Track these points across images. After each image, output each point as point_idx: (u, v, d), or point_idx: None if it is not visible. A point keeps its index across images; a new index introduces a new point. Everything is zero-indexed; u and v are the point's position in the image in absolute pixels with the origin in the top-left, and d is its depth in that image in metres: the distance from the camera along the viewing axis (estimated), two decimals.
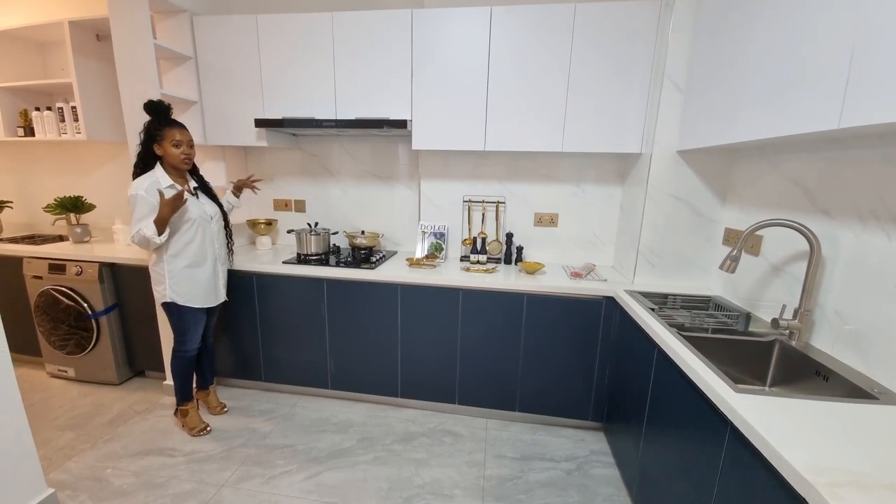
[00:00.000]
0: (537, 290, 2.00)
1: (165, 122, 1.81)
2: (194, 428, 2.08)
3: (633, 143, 2.00)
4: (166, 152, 1.81)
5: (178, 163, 1.84)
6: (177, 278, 1.90)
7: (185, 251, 1.90)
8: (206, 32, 2.24)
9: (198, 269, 1.95)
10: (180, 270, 1.90)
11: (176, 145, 1.81)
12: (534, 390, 2.13)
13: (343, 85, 2.18)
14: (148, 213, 1.75)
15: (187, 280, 1.92)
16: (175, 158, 1.82)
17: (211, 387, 2.28)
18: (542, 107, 2.03)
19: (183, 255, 1.90)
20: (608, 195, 2.33)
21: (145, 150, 1.83)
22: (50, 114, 2.52)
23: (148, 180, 1.77)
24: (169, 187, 1.81)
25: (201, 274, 1.96)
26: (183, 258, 1.90)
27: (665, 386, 1.40)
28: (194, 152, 1.90)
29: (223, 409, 2.29)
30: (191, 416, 2.09)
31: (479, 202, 2.43)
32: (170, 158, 1.82)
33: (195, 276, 1.94)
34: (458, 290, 2.07)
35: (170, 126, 1.81)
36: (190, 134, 1.87)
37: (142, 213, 1.75)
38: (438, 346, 2.17)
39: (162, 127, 1.80)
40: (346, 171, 2.64)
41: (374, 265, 2.24)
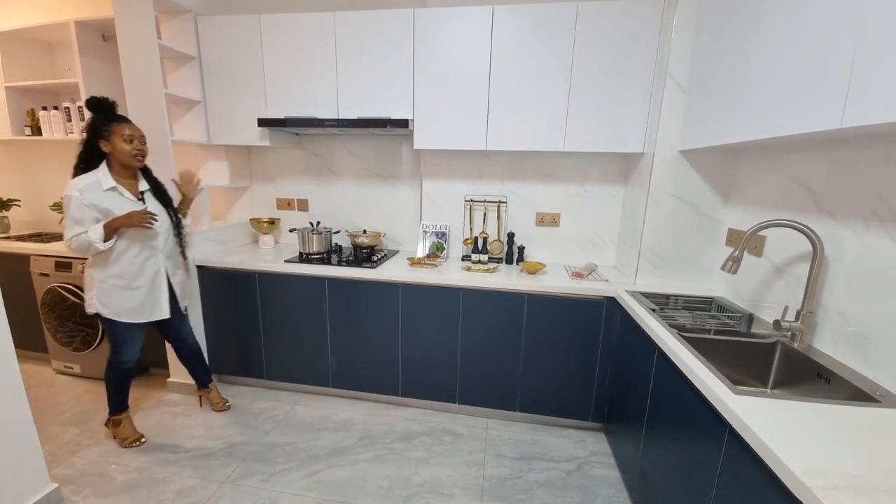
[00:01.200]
0: (538, 289, 1.99)
1: (113, 116, 1.69)
2: (126, 438, 1.97)
3: (636, 142, 1.99)
4: (116, 148, 1.68)
5: (129, 160, 1.70)
6: (104, 290, 1.76)
7: (116, 262, 1.75)
8: (210, 32, 2.26)
9: (128, 282, 1.78)
10: (108, 281, 1.75)
11: (127, 140, 1.68)
12: (534, 390, 2.13)
13: (345, 84, 2.19)
14: (80, 215, 1.62)
15: (113, 293, 1.77)
16: (126, 155, 1.69)
17: (211, 384, 2.28)
18: (543, 106, 2.02)
19: (114, 267, 1.75)
20: (610, 195, 2.32)
21: (89, 148, 1.69)
22: (57, 113, 2.55)
23: (86, 180, 1.65)
24: (110, 189, 1.68)
25: (136, 287, 1.81)
26: (111, 270, 1.75)
27: (665, 387, 1.39)
28: (147, 149, 1.77)
29: (226, 404, 2.29)
30: (123, 426, 1.99)
31: (481, 202, 2.43)
32: (120, 155, 1.69)
33: (124, 289, 1.79)
34: (459, 289, 2.07)
35: (118, 121, 1.69)
36: (140, 129, 1.74)
37: (75, 215, 1.61)
38: (439, 345, 2.17)
39: (110, 122, 1.67)
40: (349, 170, 2.65)
41: (376, 264, 2.25)
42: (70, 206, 1.62)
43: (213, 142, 2.42)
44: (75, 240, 1.63)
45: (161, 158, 2.10)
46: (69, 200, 1.62)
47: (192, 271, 2.27)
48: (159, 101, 2.05)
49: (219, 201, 2.82)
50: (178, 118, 2.40)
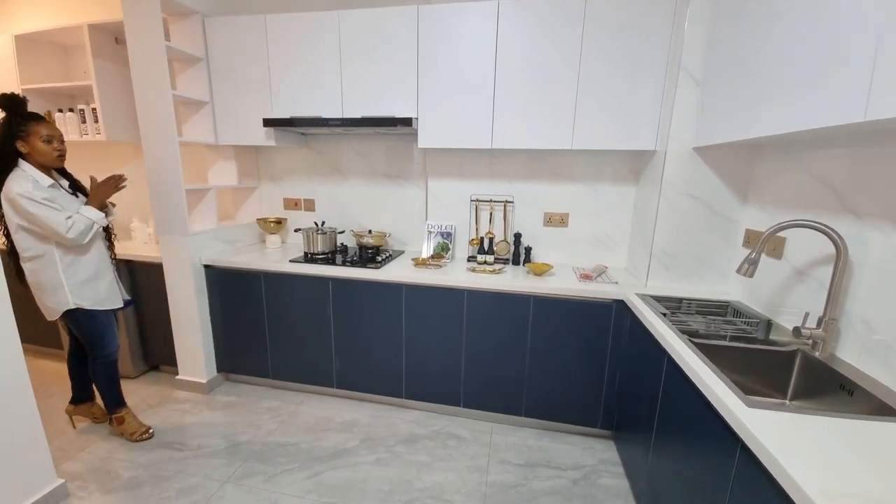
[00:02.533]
0: (545, 291, 1.94)
1: (29, 116, 1.63)
2: (135, 433, 1.99)
3: (647, 139, 1.92)
4: (35, 149, 1.62)
5: (51, 160, 1.65)
6: (78, 281, 1.76)
7: (85, 251, 1.76)
8: (217, 33, 2.27)
9: (97, 269, 1.82)
10: (79, 273, 1.76)
11: (46, 141, 1.63)
12: (541, 395, 2.07)
13: (350, 83, 2.17)
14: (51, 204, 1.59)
15: (88, 282, 1.79)
16: (47, 156, 1.64)
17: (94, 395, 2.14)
18: (551, 103, 1.97)
19: (83, 256, 1.75)
20: (621, 194, 2.25)
21: (5, 149, 1.60)
22: (72, 115, 2.61)
23: (27, 180, 1.59)
24: (51, 186, 1.66)
25: (102, 273, 1.85)
26: (83, 259, 1.75)
27: (674, 396, 1.33)
28: (66, 148, 1.73)
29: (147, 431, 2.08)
30: (128, 421, 2.00)
31: (487, 201, 2.38)
32: (40, 156, 1.63)
33: (95, 277, 1.81)
34: (464, 290, 2.03)
35: (35, 120, 1.63)
36: (57, 128, 1.69)
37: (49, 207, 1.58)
38: (444, 347, 2.13)
39: (26, 122, 1.61)
40: (355, 170, 2.64)
41: (380, 265, 2.22)
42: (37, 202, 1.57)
43: (221, 142, 2.44)
44: (73, 228, 1.62)
45: (169, 160, 2.13)
46: (32, 197, 1.56)
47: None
48: (167, 102, 2.07)
49: (227, 201, 2.85)
50: (187, 119, 2.42)
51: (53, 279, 1.72)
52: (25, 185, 1.58)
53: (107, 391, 1.96)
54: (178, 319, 2.37)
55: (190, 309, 2.33)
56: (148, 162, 2.17)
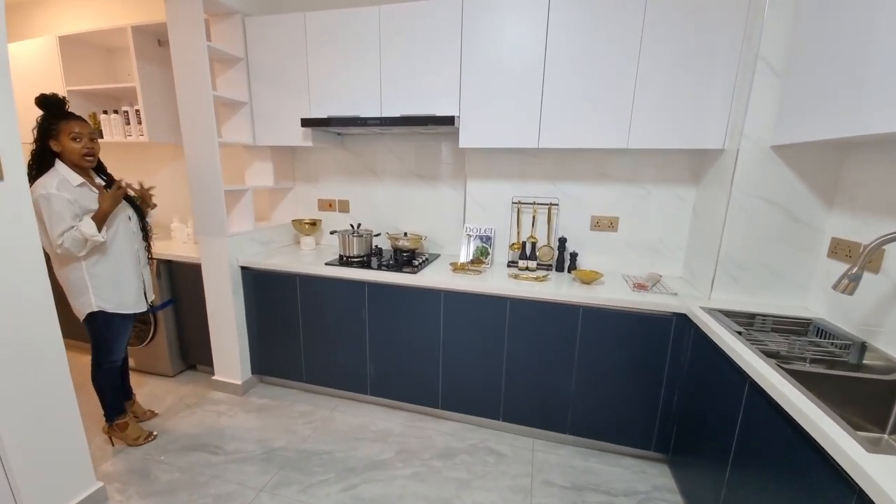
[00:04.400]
0: (595, 302, 1.79)
1: (60, 114, 1.61)
2: (138, 437, 1.98)
3: (715, 137, 1.74)
4: (65, 148, 1.61)
5: (78, 159, 1.63)
6: (101, 283, 1.72)
7: (108, 253, 1.72)
8: (257, 33, 2.25)
9: (123, 271, 1.79)
10: (104, 274, 1.72)
11: (75, 139, 1.61)
12: (588, 412, 1.93)
13: (389, 81, 2.09)
14: (67, 211, 1.56)
15: (113, 284, 1.76)
16: (75, 154, 1.62)
17: (132, 394, 2.16)
18: (605, 99, 1.82)
19: (107, 258, 1.72)
20: (678, 197, 2.07)
21: (41, 149, 1.61)
22: (116, 117, 2.66)
23: (55, 179, 1.57)
24: (80, 185, 1.63)
25: (128, 276, 1.81)
26: (106, 261, 1.72)
27: (760, 427, 1.17)
28: (98, 147, 1.70)
29: (153, 413, 2.21)
30: (130, 427, 1.97)
31: (530, 204, 2.25)
32: (69, 154, 1.62)
33: (121, 279, 1.78)
34: (506, 299, 1.91)
35: (66, 119, 1.61)
36: (91, 127, 1.68)
37: (60, 212, 1.55)
38: (483, 357, 2.02)
39: (57, 120, 1.60)
40: (390, 170, 2.57)
41: (417, 269, 2.14)
42: (51, 204, 1.54)
43: (259, 143, 2.42)
44: (67, 236, 1.56)
45: (209, 161, 2.12)
46: (48, 199, 1.53)
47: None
48: (208, 103, 2.05)
49: (263, 202, 2.84)
50: (226, 120, 2.41)
51: (78, 280, 1.71)
52: (50, 183, 1.56)
53: (108, 399, 1.92)
54: (214, 320, 2.37)
55: (226, 310, 2.32)
56: (189, 163, 2.17)
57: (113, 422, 1.96)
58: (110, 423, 1.96)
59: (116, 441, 1.98)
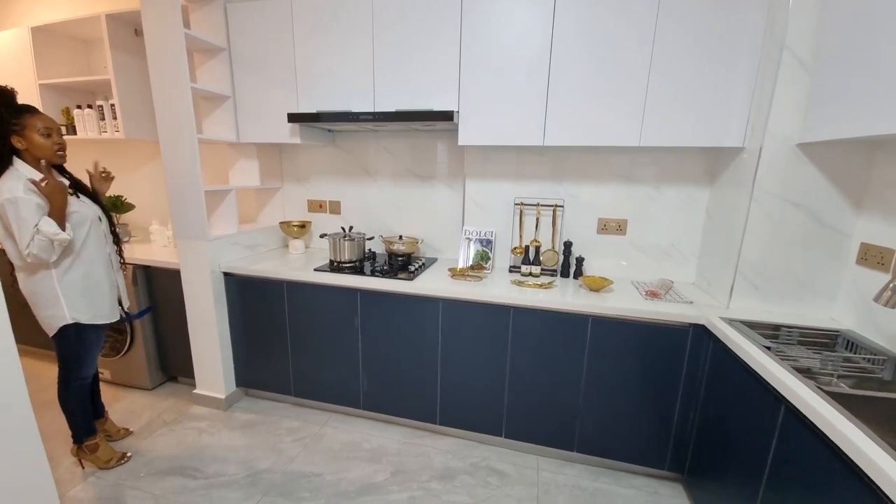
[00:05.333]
0: (605, 311, 1.67)
1: (21, 108, 1.47)
2: (110, 460, 1.82)
3: (735, 134, 1.62)
4: (34, 144, 1.47)
5: (51, 155, 1.51)
6: (74, 293, 1.59)
7: (79, 259, 1.59)
8: (240, 20, 2.09)
9: (96, 277, 1.65)
10: (77, 283, 1.59)
11: (45, 134, 1.48)
12: (597, 428, 1.80)
13: (383, 73, 1.95)
14: (37, 215, 1.42)
15: (87, 293, 1.62)
16: (47, 150, 1.50)
17: (104, 411, 2.00)
18: (616, 91, 1.69)
19: (78, 264, 1.59)
20: (691, 198, 1.95)
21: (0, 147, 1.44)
22: (90, 112, 2.48)
23: (19, 181, 1.42)
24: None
25: (101, 283, 1.67)
26: (78, 268, 1.59)
27: (799, 454, 1.04)
28: (66, 142, 1.58)
29: (128, 431, 2.05)
30: (102, 449, 1.81)
31: (533, 205, 2.12)
32: (40, 151, 1.48)
33: (95, 286, 1.65)
34: (509, 308, 1.78)
35: (29, 113, 1.47)
36: (56, 121, 1.55)
37: (29, 217, 1.41)
38: (484, 370, 1.89)
39: (20, 114, 1.45)
40: (385, 169, 2.42)
41: (413, 275, 2.00)
42: (19, 209, 1.40)
43: (242, 140, 2.26)
44: (34, 244, 1.41)
45: (188, 159, 1.95)
46: (14, 204, 1.39)
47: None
48: (185, 95, 1.89)
49: (249, 203, 2.68)
50: (208, 115, 2.25)
51: (48, 291, 1.55)
52: (15, 187, 1.41)
53: (77, 418, 1.76)
54: (195, 330, 2.21)
55: (208, 319, 2.16)
56: (166, 161, 2.01)
57: (83, 443, 1.79)
58: (80, 445, 1.79)
59: (86, 464, 1.81)
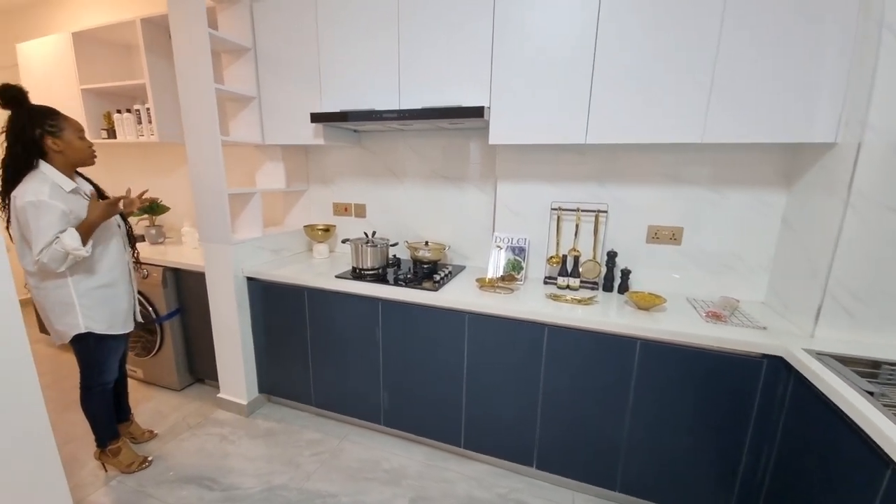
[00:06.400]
0: (657, 335, 1.44)
1: (53, 110, 1.47)
2: (132, 464, 1.81)
3: (823, 128, 1.34)
4: (72, 147, 1.47)
5: (87, 157, 1.53)
6: (91, 302, 1.55)
7: (97, 267, 1.56)
8: (265, 19, 2.03)
9: (114, 287, 1.62)
10: (94, 292, 1.56)
11: (82, 137, 1.51)
12: (644, 467, 1.57)
13: (408, 69, 1.82)
14: (59, 222, 1.39)
15: (103, 302, 1.59)
16: (84, 152, 1.52)
17: (130, 414, 2.01)
18: (673, 80, 1.46)
19: (96, 273, 1.56)
20: (762, 203, 1.67)
21: (28, 149, 1.41)
22: (129, 116, 2.53)
23: (45, 184, 1.39)
24: (73, 191, 1.48)
25: (119, 293, 1.65)
26: (96, 276, 1.56)
27: None
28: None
29: (152, 434, 2.04)
30: (124, 453, 1.80)
31: (573, 210, 1.91)
32: (77, 153, 1.49)
33: (112, 296, 1.62)
34: (543, 325, 1.59)
35: (62, 115, 1.48)
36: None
37: (48, 224, 1.37)
38: (514, 392, 1.71)
39: (56, 116, 1.46)
40: (412, 171, 2.29)
41: (438, 285, 1.85)
42: (40, 214, 1.37)
43: (267, 141, 2.21)
44: (46, 252, 1.36)
45: (212, 161, 1.92)
46: (36, 208, 1.36)
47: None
48: (209, 96, 1.84)
49: (276, 205, 2.64)
50: (234, 116, 2.22)
51: (63, 299, 1.53)
52: (40, 189, 1.39)
53: (101, 423, 1.75)
54: (219, 334, 2.18)
55: (231, 324, 2.12)
56: (191, 163, 1.99)
57: (106, 447, 1.79)
58: (102, 449, 1.80)
59: (109, 467, 1.81)
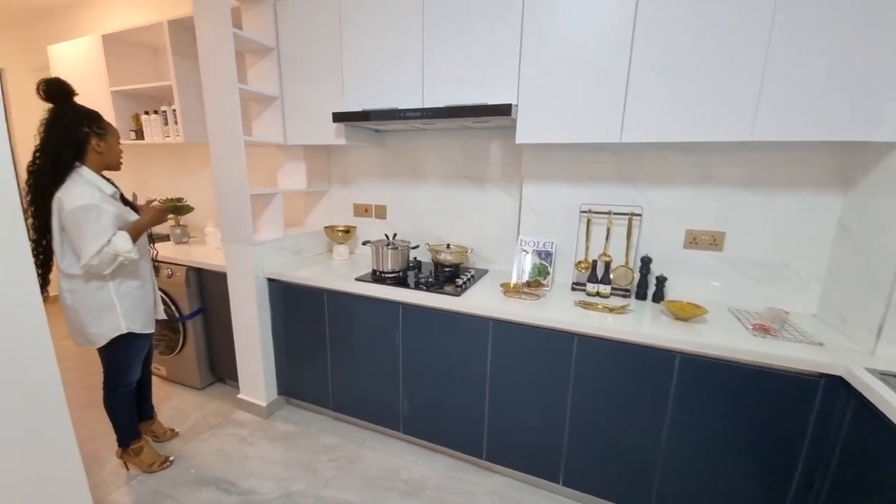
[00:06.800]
0: (699, 349, 1.33)
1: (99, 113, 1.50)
2: (153, 463, 1.82)
3: (890, 126, 1.21)
4: (112, 151, 1.52)
5: (118, 163, 1.58)
6: (129, 303, 1.59)
7: (135, 267, 1.61)
8: (288, 18, 2.01)
9: (146, 285, 1.69)
10: (133, 292, 1.61)
11: (119, 142, 1.56)
12: (682, 489, 1.46)
13: (433, 66, 1.76)
14: (111, 226, 1.41)
15: (139, 302, 1.64)
16: (118, 157, 1.57)
17: (153, 413, 2.04)
18: (720, 72, 1.35)
19: (134, 273, 1.61)
20: (814, 206, 1.53)
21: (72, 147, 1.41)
22: (156, 117, 2.57)
23: (92, 188, 1.42)
24: (113, 195, 1.51)
25: (149, 291, 1.72)
26: (133, 277, 1.61)
27: None
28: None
29: (174, 433, 2.06)
30: (146, 452, 1.81)
31: (604, 213, 1.81)
32: (113, 158, 1.54)
33: (144, 295, 1.67)
34: (572, 335, 1.50)
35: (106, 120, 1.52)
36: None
37: (105, 227, 1.40)
38: (540, 404, 1.63)
39: (103, 119, 1.49)
40: (434, 171, 2.23)
41: (461, 289, 1.78)
42: (95, 219, 1.39)
43: (290, 142, 2.19)
44: (102, 254, 1.40)
45: (234, 161, 1.91)
46: (91, 211, 1.38)
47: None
48: (232, 95, 1.83)
49: (297, 206, 2.63)
50: (257, 116, 2.22)
51: (103, 301, 1.54)
52: (91, 194, 1.41)
53: (124, 423, 1.78)
54: (240, 335, 2.18)
55: (252, 325, 2.11)
56: (214, 164, 1.99)
57: (128, 446, 1.80)
58: (125, 448, 1.81)
59: (131, 466, 1.83)
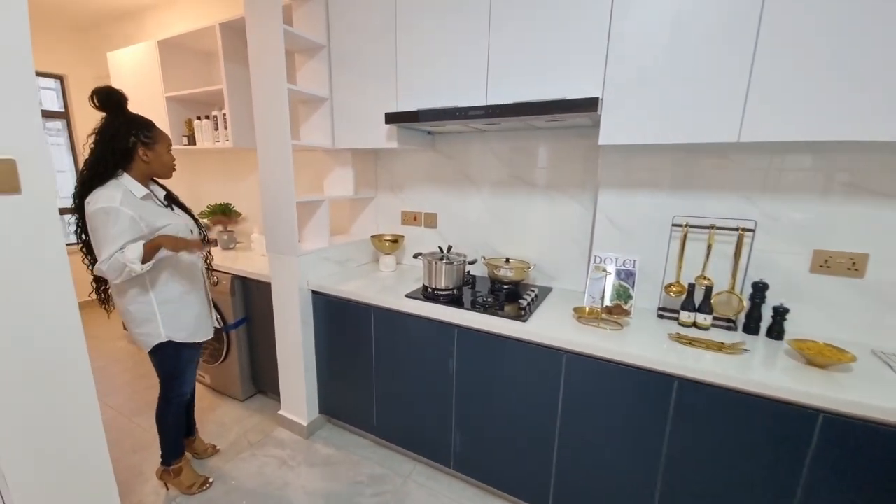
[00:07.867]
0: (844, 407, 1.02)
1: (151, 122, 1.48)
2: (193, 485, 1.73)
3: None
4: (161, 160, 1.49)
5: (168, 171, 1.54)
6: (171, 310, 1.53)
7: (176, 273, 1.54)
8: (340, 13, 1.88)
9: (193, 293, 1.61)
10: (175, 299, 1.54)
11: (169, 150, 1.53)
12: None
13: (499, 60, 1.55)
14: (129, 230, 1.35)
15: (183, 310, 1.56)
16: (168, 166, 1.53)
17: (195, 430, 1.97)
18: (879, 51, 1.04)
19: (176, 279, 1.54)
20: None
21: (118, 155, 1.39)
22: (207, 122, 2.54)
23: (117, 190, 1.37)
24: (145, 197, 1.45)
25: (195, 300, 1.62)
26: (176, 283, 1.54)
27: None
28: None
29: (215, 450, 1.98)
30: (185, 472, 1.73)
31: (704, 227, 1.51)
32: (162, 167, 1.51)
33: (191, 302, 1.60)
34: (672, 378, 1.23)
35: (156, 128, 1.50)
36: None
37: (121, 231, 1.34)
38: (625, 454, 1.36)
39: (153, 128, 1.48)
40: (490, 176, 2.02)
41: (525, 312, 1.55)
42: (116, 221, 1.33)
43: (338, 146, 2.06)
44: (110, 260, 1.32)
45: (281, 167, 1.80)
46: (107, 214, 1.32)
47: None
48: (281, 98, 1.72)
49: (343, 213, 2.51)
50: (306, 119, 2.11)
51: (144, 308, 1.50)
52: (113, 196, 1.35)
53: (171, 438, 1.71)
54: (283, 349, 2.06)
55: (295, 339, 1.99)
56: (262, 170, 1.89)
57: (170, 465, 1.72)
58: (166, 467, 1.73)
59: (171, 486, 1.74)
